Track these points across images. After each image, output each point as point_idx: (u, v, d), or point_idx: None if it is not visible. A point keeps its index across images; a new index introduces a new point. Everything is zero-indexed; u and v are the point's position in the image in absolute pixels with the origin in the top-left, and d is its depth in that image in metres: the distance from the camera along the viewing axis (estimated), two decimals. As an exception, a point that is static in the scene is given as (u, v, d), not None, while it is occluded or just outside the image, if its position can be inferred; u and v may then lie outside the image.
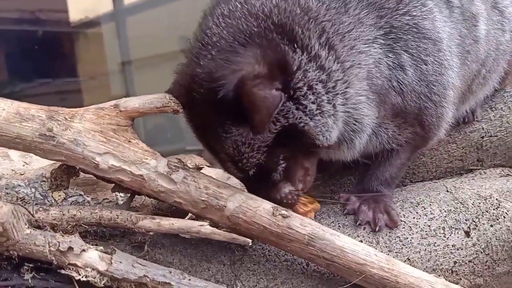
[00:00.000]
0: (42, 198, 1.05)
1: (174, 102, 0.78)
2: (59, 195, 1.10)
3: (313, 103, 0.81)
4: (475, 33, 1.05)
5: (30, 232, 0.69)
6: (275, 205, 0.82)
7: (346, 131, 0.91)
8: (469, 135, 1.20)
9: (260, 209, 0.80)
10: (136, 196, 0.93)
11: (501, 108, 1.23)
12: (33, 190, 1.05)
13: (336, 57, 0.84)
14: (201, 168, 0.85)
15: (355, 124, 0.90)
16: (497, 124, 1.21)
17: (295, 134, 0.82)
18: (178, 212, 0.91)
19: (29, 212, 0.73)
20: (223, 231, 0.79)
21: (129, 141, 0.76)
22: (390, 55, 0.89)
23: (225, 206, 0.78)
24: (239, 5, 0.84)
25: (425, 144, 1.05)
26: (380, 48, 0.89)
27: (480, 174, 1.20)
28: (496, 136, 1.21)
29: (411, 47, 0.90)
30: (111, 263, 0.71)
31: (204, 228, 0.77)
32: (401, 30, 0.90)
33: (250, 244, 0.79)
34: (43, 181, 1.10)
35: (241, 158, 0.81)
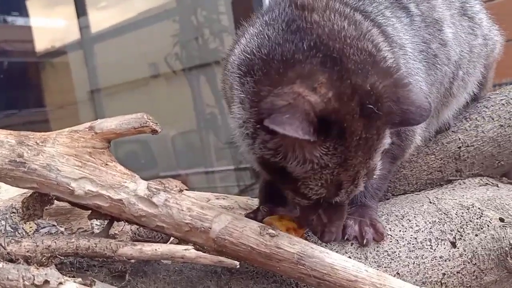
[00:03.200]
0: (12, 230, 0.99)
1: (152, 122, 0.75)
2: (30, 227, 1.04)
3: None
4: (440, 36, 1.08)
5: (2, 266, 0.64)
6: (262, 224, 0.79)
7: None
8: (446, 145, 1.21)
9: (247, 229, 0.77)
10: (115, 222, 0.89)
11: (476, 118, 1.25)
12: (2, 222, 0.99)
13: None
14: (182, 190, 0.82)
15: None
16: (473, 134, 1.23)
17: None
18: (159, 238, 0.87)
19: (0, 245, 0.67)
20: (209, 254, 0.76)
21: (106, 164, 0.73)
22: None
23: (210, 228, 0.75)
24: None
25: (403, 154, 1.05)
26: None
27: (460, 184, 1.21)
28: (473, 146, 1.22)
29: None
30: (91, 295, 0.66)
31: (189, 252, 0.73)
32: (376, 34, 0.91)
33: (238, 266, 0.75)
34: (13, 212, 1.04)
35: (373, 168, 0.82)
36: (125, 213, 0.73)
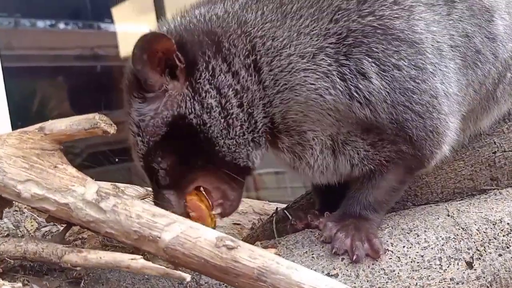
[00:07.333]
0: (14, 228, 1.02)
1: (104, 123, 0.72)
2: (32, 225, 1.07)
3: (214, 100, 0.82)
4: (489, 29, 0.92)
5: None
6: (221, 234, 0.73)
7: (293, 144, 0.86)
8: (478, 150, 1.05)
9: (201, 239, 0.71)
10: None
11: (516, 119, 1.07)
12: (5, 220, 1.02)
13: (259, 80, 0.82)
14: (144, 198, 0.78)
15: (297, 136, 0.85)
16: (512, 138, 1.05)
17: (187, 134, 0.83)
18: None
19: None
20: (161, 265, 0.71)
21: (55, 167, 0.71)
22: (345, 63, 0.80)
23: (159, 237, 0.70)
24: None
25: (421, 165, 0.91)
26: (330, 58, 0.80)
27: (495, 195, 1.03)
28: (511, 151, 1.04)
29: (376, 50, 0.79)
30: (23, 301, 0.64)
31: (135, 262, 0.69)
32: (362, 33, 0.79)
33: (188, 280, 0.70)
34: (16, 210, 1.07)
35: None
36: (73, 218, 0.71)
